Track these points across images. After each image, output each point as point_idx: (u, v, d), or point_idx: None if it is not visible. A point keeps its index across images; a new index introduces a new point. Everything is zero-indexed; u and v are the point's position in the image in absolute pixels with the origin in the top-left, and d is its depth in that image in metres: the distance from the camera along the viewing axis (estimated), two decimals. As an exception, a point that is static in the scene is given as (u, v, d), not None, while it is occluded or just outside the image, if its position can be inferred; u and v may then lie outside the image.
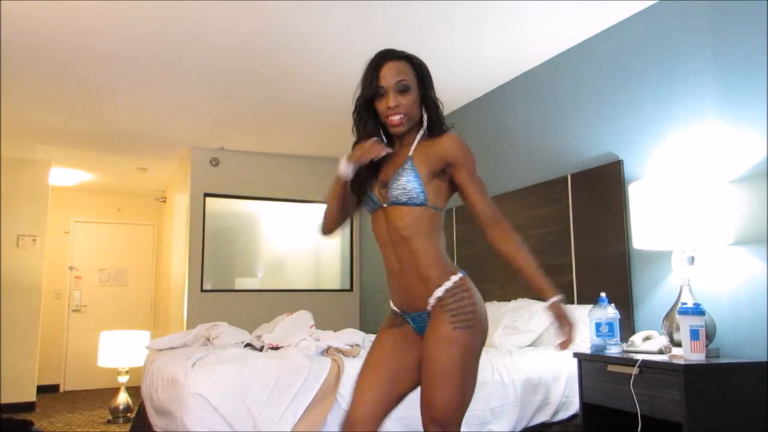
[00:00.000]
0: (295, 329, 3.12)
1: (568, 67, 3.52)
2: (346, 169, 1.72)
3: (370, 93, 1.70)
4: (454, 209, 4.43)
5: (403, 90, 1.69)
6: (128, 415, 5.16)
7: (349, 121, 1.80)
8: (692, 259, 2.50)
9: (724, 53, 2.58)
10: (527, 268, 1.66)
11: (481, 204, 1.72)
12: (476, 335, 1.65)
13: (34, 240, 6.05)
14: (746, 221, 2.45)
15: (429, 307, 1.69)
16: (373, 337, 2.11)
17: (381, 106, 1.71)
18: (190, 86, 4.15)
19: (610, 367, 2.42)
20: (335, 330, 3.15)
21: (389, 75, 1.68)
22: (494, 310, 3.42)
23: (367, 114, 1.75)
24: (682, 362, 2.14)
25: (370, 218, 1.80)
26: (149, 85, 4.10)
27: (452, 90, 4.16)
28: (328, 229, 1.88)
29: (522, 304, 3.35)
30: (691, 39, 2.73)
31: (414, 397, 1.70)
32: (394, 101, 1.68)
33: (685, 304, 2.32)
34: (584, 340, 2.85)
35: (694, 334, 2.19)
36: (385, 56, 1.71)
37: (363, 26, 3.22)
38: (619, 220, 3.00)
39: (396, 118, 1.68)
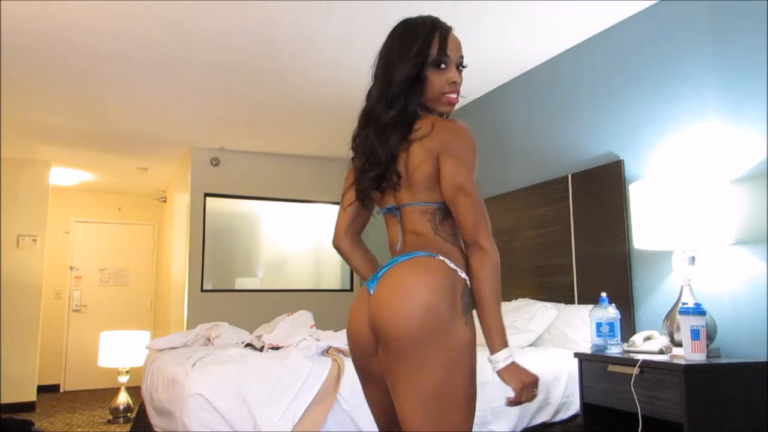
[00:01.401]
0: (296, 329, 3.12)
1: (568, 67, 3.52)
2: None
3: (439, 60, 1.44)
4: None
5: (461, 67, 1.50)
6: (128, 415, 5.16)
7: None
8: (693, 259, 2.50)
9: (724, 53, 2.58)
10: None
11: None
12: None
13: (34, 240, 6.05)
14: (747, 221, 2.45)
15: None
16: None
17: (440, 78, 1.45)
18: (190, 86, 4.15)
19: (611, 367, 2.42)
20: (335, 330, 3.15)
21: (455, 47, 1.47)
22: (494, 310, 3.41)
23: (416, 85, 1.44)
24: (683, 362, 2.14)
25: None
26: (149, 85, 4.10)
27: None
28: None
29: (522, 304, 3.35)
30: (691, 39, 2.73)
31: None
32: (459, 77, 1.47)
33: (686, 304, 2.32)
34: (585, 340, 2.85)
35: (695, 334, 2.19)
36: (447, 27, 1.49)
37: (363, 26, 3.22)
38: (620, 220, 3.00)
39: (455, 97, 1.48)
